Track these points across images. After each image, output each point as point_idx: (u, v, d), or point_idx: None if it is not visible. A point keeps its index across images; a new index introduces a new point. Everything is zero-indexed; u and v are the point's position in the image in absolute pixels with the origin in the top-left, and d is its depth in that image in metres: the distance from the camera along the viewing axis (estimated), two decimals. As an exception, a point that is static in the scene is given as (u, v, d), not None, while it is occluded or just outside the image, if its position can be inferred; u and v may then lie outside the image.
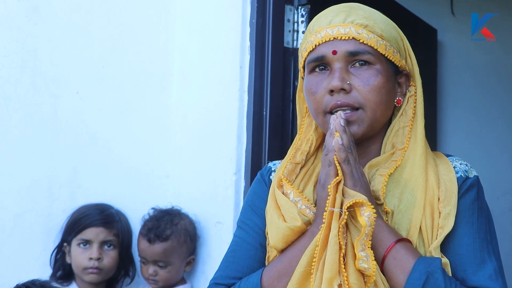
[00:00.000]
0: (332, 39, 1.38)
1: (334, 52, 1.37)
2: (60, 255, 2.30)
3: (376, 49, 1.38)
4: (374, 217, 1.23)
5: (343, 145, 1.30)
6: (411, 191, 1.35)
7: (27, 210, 2.31)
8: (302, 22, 2.32)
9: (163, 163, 2.56)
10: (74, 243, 2.26)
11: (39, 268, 2.29)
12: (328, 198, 1.27)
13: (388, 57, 1.41)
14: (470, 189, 1.37)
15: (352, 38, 1.37)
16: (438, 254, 1.29)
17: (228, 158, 2.30)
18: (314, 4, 2.31)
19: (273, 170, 1.54)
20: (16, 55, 2.34)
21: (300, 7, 2.34)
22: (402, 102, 1.46)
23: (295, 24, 2.34)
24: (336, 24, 1.39)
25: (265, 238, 1.44)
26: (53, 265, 2.31)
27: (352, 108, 1.37)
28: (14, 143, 2.31)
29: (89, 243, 2.25)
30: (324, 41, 1.39)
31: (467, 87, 3.72)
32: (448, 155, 1.46)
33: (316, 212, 1.34)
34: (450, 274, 1.29)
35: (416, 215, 1.33)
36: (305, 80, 1.45)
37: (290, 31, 2.33)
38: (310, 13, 2.31)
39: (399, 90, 1.46)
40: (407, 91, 1.47)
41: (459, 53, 3.71)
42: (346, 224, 1.27)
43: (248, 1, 2.32)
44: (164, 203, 2.43)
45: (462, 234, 1.32)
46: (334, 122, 1.33)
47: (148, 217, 2.37)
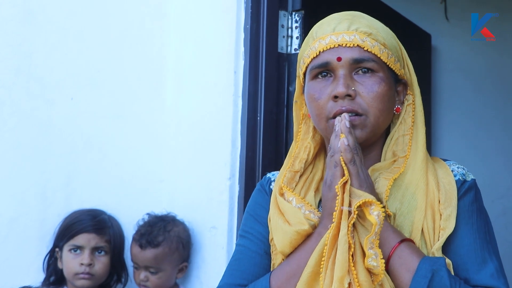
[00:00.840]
0: (337, 46, 1.39)
1: (339, 59, 1.38)
2: (52, 261, 2.30)
3: (380, 57, 1.40)
4: (383, 216, 1.23)
5: (349, 145, 1.30)
6: (412, 194, 1.37)
7: (22, 215, 2.31)
8: (296, 27, 2.33)
9: (157, 168, 2.56)
10: (66, 248, 2.25)
11: (33, 273, 2.29)
12: (337, 198, 1.27)
13: (390, 65, 1.42)
14: (468, 191, 1.38)
15: (357, 46, 1.38)
16: (440, 255, 1.31)
17: (223, 163, 2.31)
18: (308, 10, 2.32)
19: (272, 180, 1.55)
20: (10, 60, 2.35)
21: (294, 12, 2.35)
22: (401, 111, 1.48)
23: (289, 30, 2.35)
24: (341, 31, 1.40)
25: (269, 246, 1.45)
26: (45, 270, 2.31)
27: (356, 113, 1.38)
28: (9, 148, 2.32)
29: (80, 249, 2.25)
30: (328, 47, 1.40)
31: (461, 91, 3.73)
32: (444, 160, 1.48)
33: (322, 214, 1.34)
34: (453, 274, 1.30)
35: (418, 217, 1.34)
36: (307, 86, 1.46)
37: (284, 37, 2.34)
38: (304, 18, 2.32)
39: (397, 98, 1.47)
40: (405, 99, 1.49)
41: (453, 57, 3.72)
42: (354, 224, 1.27)
43: (242, 6, 2.33)
44: (158, 208, 2.43)
45: (462, 235, 1.33)
46: (339, 124, 1.34)
47: (142, 222, 2.37)
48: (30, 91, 2.36)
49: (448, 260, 1.30)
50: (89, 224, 2.27)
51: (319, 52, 1.41)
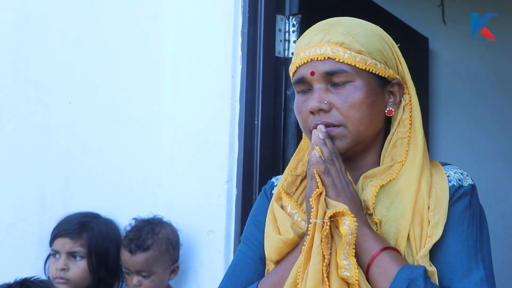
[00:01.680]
0: (309, 60, 1.40)
1: (312, 73, 1.39)
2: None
3: (355, 65, 1.38)
4: (355, 226, 1.25)
5: (322, 157, 1.33)
6: (400, 201, 1.36)
7: (20, 220, 2.31)
8: (293, 31, 2.34)
9: (155, 172, 2.56)
10: (51, 253, 2.27)
11: (31, 278, 2.29)
12: (312, 211, 1.29)
13: (370, 70, 1.40)
14: (462, 197, 1.37)
15: (328, 58, 1.38)
16: (426, 263, 1.30)
17: (220, 167, 2.31)
18: (305, 14, 2.33)
19: (275, 185, 1.55)
20: (8, 64, 2.35)
21: (291, 16, 2.35)
22: (397, 111, 1.45)
23: (286, 34, 2.35)
24: (314, 44, 1.40)
25: (264, 252, 1.46)
26: (46, 273, 2.30)
27: (333, 125, 1.38)
28: (6, 152, 2.32)
29: (58, 253, 2.25)
30: (303, 62, 1.41)
31: (459, 94, 3.73)
32: (445, 164, 1.46)
33: (307, 225, 1.35)
34: (437, 282, 1.29)
35: (403, 225, 1.33)
36: (295, 99, 1.48)
37: (281, 41, 2.35)
38: (301, 22, 2.32)
39: (391, 99, 1.45)
40: (402, 99, 1.46)
41: (451, 61, 3.73)
42: (332, 234, 1.28)
43: (239, 11, 2.33)
44: (156, 212, 2.43)
45: (450, 243, 1.32)
46: (314, 136, 1.36)
47: (129, 227, 2.36)
48: (27, 95, 2.36)
49: (432, 269, 1.29)
50: (64, 229, 2.26)
51: (296, 67, 1.43)
